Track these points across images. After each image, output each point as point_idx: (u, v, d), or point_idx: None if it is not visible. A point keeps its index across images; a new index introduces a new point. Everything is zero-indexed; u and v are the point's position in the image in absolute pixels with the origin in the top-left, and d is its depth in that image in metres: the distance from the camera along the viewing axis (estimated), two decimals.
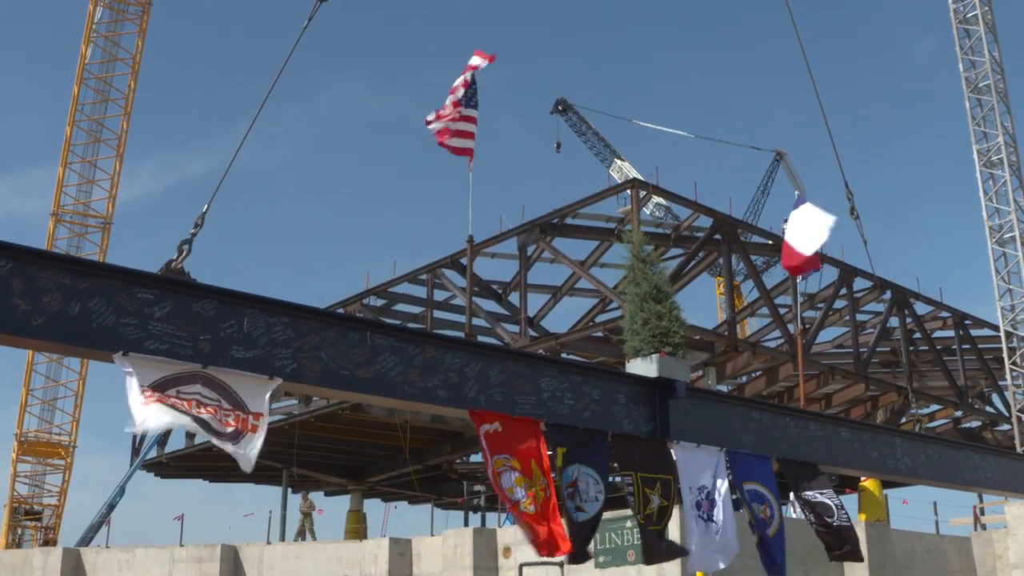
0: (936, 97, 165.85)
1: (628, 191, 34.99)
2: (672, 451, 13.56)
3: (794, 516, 36.46)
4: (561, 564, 30.28)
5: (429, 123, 32.52)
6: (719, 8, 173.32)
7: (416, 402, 11.70)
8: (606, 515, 30.07)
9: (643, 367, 13.89)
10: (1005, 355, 40.35)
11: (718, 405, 14.70)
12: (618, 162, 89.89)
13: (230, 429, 10.10)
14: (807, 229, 26.16)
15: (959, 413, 45.61)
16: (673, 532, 13.89)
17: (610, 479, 12.94)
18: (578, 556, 12.21)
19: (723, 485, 13.77)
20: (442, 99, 32.30)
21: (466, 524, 47.46)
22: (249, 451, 10.34)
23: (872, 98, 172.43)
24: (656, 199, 46.86)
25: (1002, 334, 40.52)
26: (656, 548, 13.17)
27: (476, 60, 32.84)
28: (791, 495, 36.48)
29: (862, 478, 37.41)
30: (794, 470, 14.89)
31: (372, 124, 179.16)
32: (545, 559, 31.19)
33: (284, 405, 46.24)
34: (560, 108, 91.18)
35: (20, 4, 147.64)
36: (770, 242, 38.97)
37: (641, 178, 39.93)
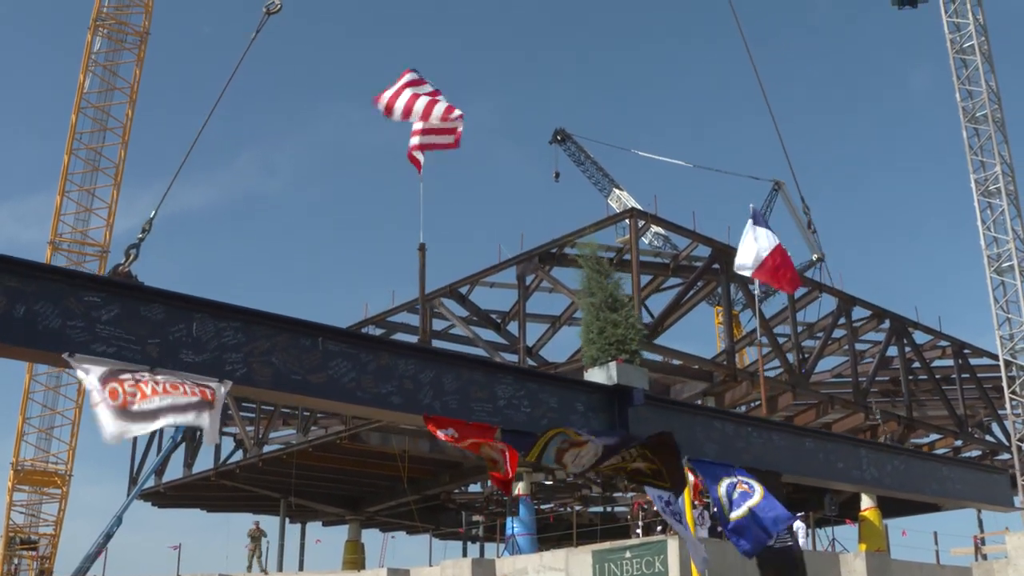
0: (933, 125, 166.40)
1: (627, 220, 34.97)
2: None
3: (801, 542, 36.35)
4: None
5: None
6: (718, 38, 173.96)
7: (369, 407, 11.64)
8: (605, 546, 29.89)
9: (600, 375, 13.84)
10: (1004, 384, 40.27)
11: (679, 414, 14.59)
12: (617, 191, 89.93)
13: (196, 399, 9.91)
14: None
15: (959, 442, 45.46)
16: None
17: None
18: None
19: (671, 502, 13.69)
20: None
21: (464, 554, 47.37)
22: (212, 424, 10.12)
23: (869, 126, 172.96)
24: (655, 228, 46.84)
25: (1001, 363, 40.44)
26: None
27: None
28: (794, 524, 36.36)
29: (862, 508, 37.29)
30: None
31: (372, 152, 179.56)
32: None
33: (282, 435, 46.12)
34: (559, 138, 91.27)
35: (20, 33, 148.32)
36: None
37: (640, 207, 40.02)
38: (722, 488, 14.03)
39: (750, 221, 26.86)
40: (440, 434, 11.68)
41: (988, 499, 19.18)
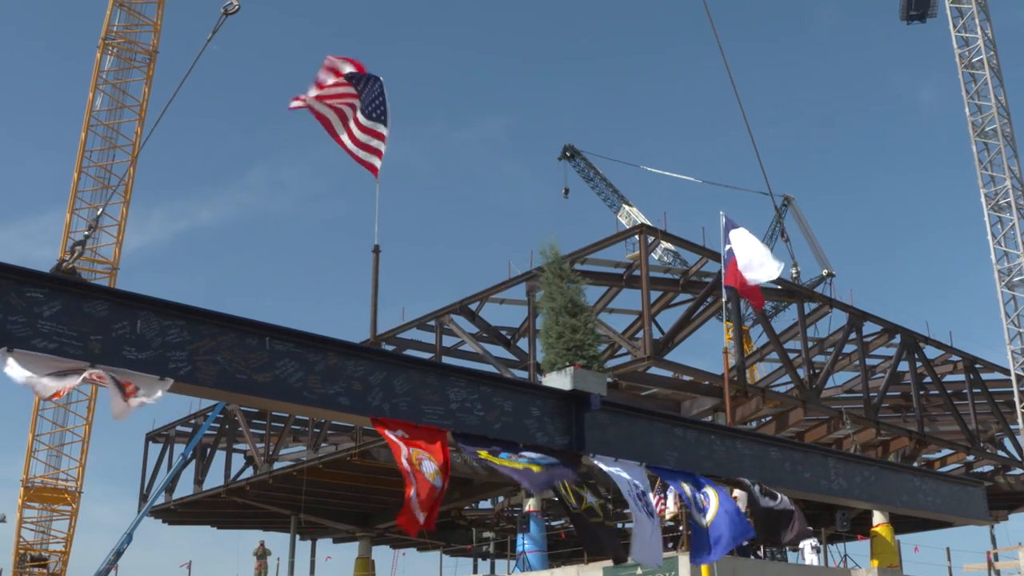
0: (943, 139, 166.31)
1: (636, 236, 34.98)
2: (593, 463, 13.38)
3: (806, 562, 36.23)
4: None
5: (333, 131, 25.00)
6: (726, 54, 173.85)
7: (316, 408, 11.57)
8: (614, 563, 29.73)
9: (558, 380, 13.76)
10: (1016, 399, 40.16)
11: (637, 420, 14.37)
12: (626, 208, 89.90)
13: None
14: (752, 256, 26.41)
15: (971, 458, 45.31)
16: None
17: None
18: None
19: (647, 495, 13.58)
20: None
21: (475, 571, 47.29)
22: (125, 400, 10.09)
23: (878, 140, 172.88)
24: (664, 244, 46.88)
25: (1013, 378, 40.35)
26: (594, 538, 13.05)
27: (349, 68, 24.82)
28: (802, 540, 36.17)
29: (874, 524, 37.17)
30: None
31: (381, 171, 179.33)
32: None
33: (292, 452, 46.11)
34: (568, 154, 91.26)
35: (30, 52, 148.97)
36: (779, 287, 38.91)
37: (649, 224, 39.97)
38: (687, 489, 14.02)
39: (733, 232, 26.96)
40: (389, 435, 11.60)
41: (962, 512, 19.00)
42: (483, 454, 12.19)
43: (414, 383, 12.18)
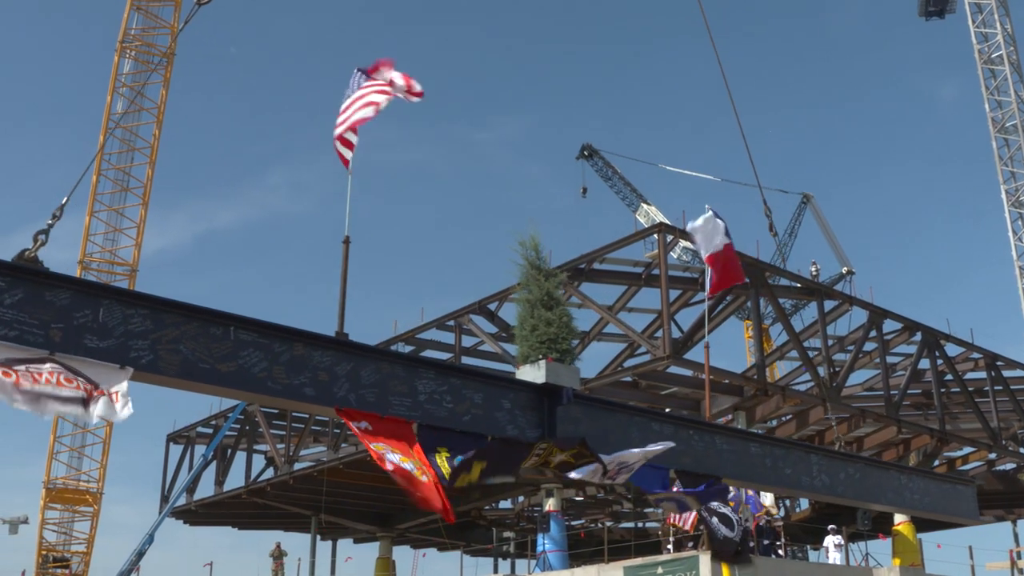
0: (963, 136, 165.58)
1: (655, 235, 34.89)
2: None
3: (829, 561, 36.12)
4: None
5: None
6: (743, 55, 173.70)
7: (281, 399, 11.53)
8: (636, 561, 29.77)
9: (531, 373, 13.68)
10: None
11: (614, 415, 14.27)
12: (644, 206, 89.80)
13: (80, 393, 9.90)
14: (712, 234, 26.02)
15: (993, 455, 45.09)
16: None
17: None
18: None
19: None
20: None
21: (495, 571, 47.26)
22: (106, 411, 10.05)
23: (897, 138, 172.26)
24: (683, 243, 46.72)
25: None
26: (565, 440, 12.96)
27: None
28: (825, 539, 36.09)
29: (896, 522, 37.02)
30: (695, 483, 14.49)
31: (399, 172, 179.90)
32: None
33: (312, 452, 46.21)
34: (586, 153, 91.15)
35: (49, 58, 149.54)
36: (799, 285, 38.78)
37: (668, 222, 39.82)
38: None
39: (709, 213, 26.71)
40: (354, 427, 11.56)
41: (950, 511, 18.81)
42: (440, 458, 12.06)
43: (382, 374, 12.13)
